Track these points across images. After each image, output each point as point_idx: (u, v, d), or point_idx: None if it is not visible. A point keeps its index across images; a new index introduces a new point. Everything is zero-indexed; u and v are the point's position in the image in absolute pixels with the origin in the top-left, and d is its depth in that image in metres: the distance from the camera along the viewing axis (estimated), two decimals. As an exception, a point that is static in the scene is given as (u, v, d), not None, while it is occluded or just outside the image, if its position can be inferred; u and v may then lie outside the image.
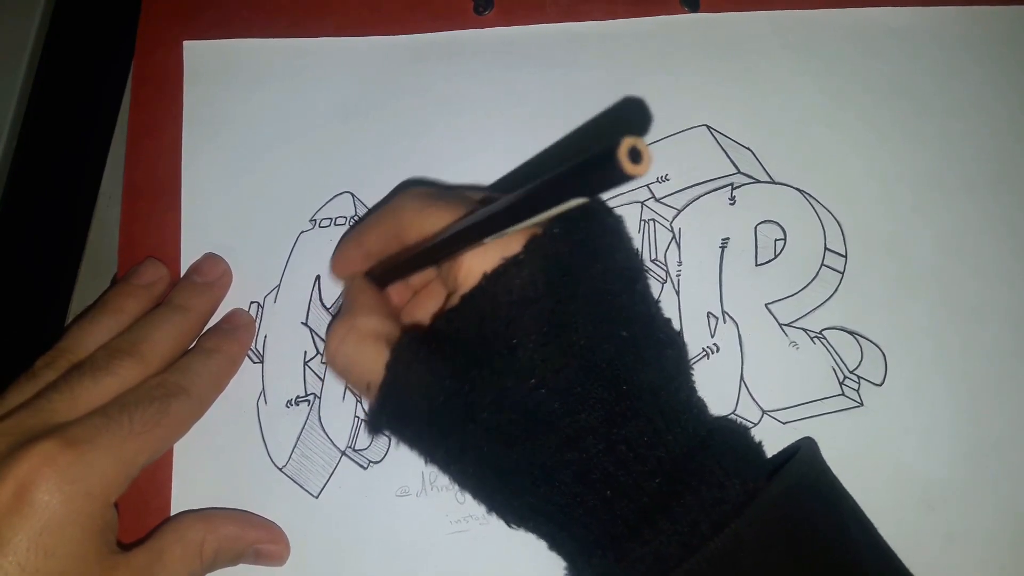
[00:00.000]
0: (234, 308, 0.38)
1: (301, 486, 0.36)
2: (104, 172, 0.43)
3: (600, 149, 0.20)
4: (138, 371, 0.33)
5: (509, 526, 0.31)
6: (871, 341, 0.36)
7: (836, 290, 0.37)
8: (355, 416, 0.37)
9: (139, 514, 0.35)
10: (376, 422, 0.31)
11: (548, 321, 0.28)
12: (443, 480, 0.36)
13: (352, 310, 0.32)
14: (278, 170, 0.40)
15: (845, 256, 0.37)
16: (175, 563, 0.32)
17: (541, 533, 0.30)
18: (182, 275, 0.39)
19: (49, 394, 0.32)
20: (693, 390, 0.31)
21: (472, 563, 0.35)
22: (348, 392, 0.37)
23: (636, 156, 0.20)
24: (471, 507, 0.35)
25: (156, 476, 0.36)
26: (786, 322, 0.36)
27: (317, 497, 0.36)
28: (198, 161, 0.40)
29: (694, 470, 0.28)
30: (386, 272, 0.34)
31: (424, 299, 0.34)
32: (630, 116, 0.40)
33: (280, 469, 0.36)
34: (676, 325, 0.37)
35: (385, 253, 0.34)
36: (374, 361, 0.30)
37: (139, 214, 0.40)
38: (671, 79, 0.40)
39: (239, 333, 0.37)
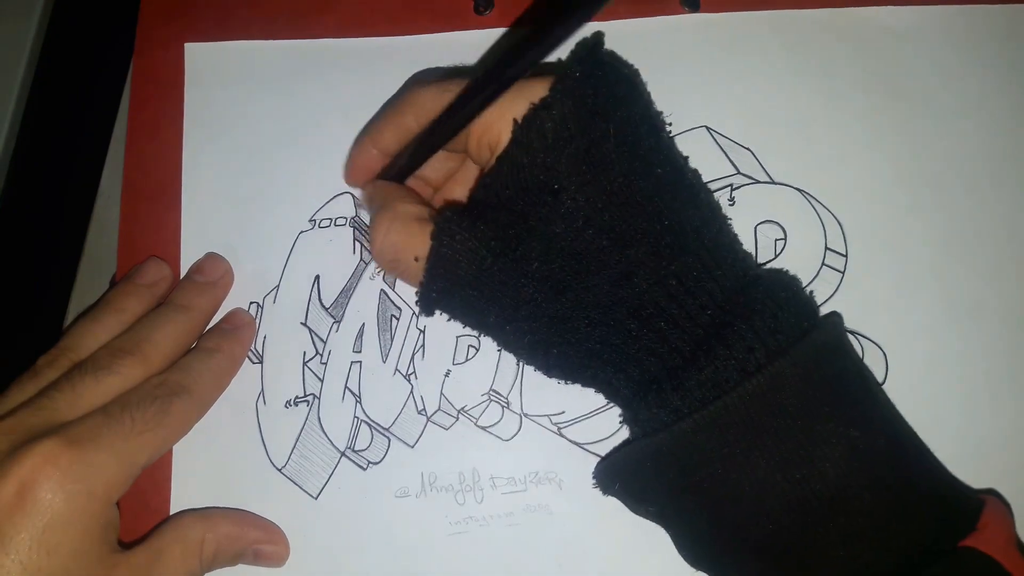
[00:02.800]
0: (234, 308, 0.38)
1: (300, 487, 0.36)
2: (103, 172, 0.43)
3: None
4: (140, 370, 0.33)
5: (566, 382, 0.32)
6: (872, 341, 0.36)
7: (837, 290, 0.37)
8: (354, 417, 0.37)
9: (138, 513, 0.35)
10: (427, 295, 0.31)
11: (585, 160, 0.28)
12: (442, 482, 0.36)
13: (387, 203, 0.32)
14: (278, 171, 0.40)
15: (846, 256, 0.37)
16: (175, 562, 0.32)
17: (599, 381, 0.31)
18: (182, 275, 0.39)
19: (51, 393, 0.32)
20: (737, 240, 0.32)
21: (471, 564, 0.35)
22: (348, 392, 0.37)
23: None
24: (471, 509, 0.35)
25: (155, 476, 0.36)
26: (787, 322, 0.36)
27: (316, 498, 0.36)
28: (198, 162, 0.40)
29: (746, 302, 0.28)
30: (409, 160, 0.34)
31: (453, 187, 0.35)
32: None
33: (279, 470, 0.36)
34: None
35: (399, 145, 0.34)
36: (423, 240, 0.30)
37: (138, 214, 0.40)
38: (671, 80, 0.40)
39: (240, 333, 0.37)
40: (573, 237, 0.28)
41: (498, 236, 0.29)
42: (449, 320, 0.33)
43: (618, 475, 0.31)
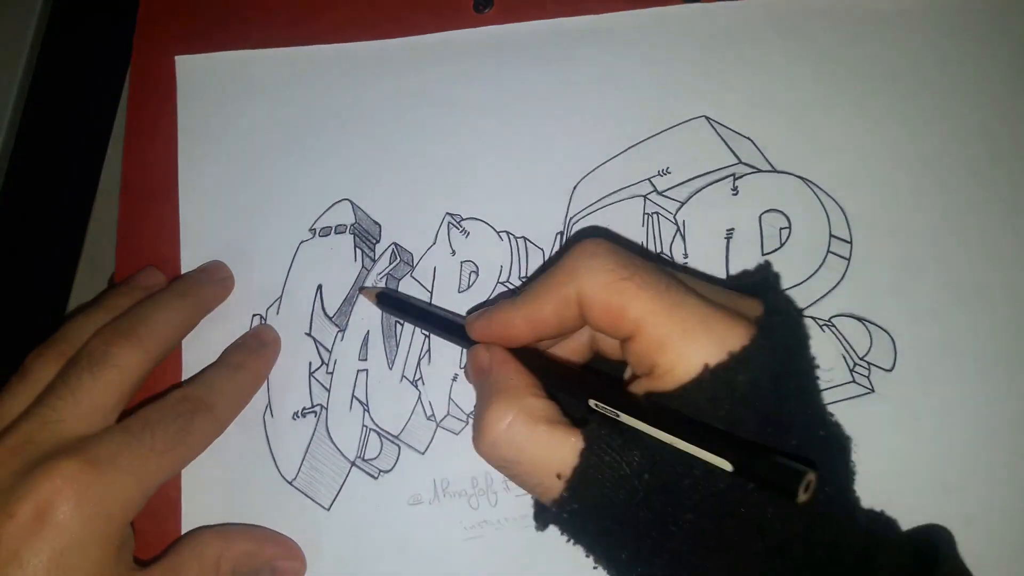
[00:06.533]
0: (262, 324, 0.38)
1: (312, 499, 0.36)
2: (102, 172, 0.43)
3: (786, 474, 0.23)
4: (137, 357, 0.32)
5: None
6: (879, 327, 0.36)
7: (843, 277, 0.36)
8: (363, 426, 0.36)
9: (150, 531, 0.35)
10: (556, 514, 0.28)
11: (769, 422, 0.26)
12: (455, 487, 0.35)
13: (509, 389, 0.28)
14: (275, 181, 0.40)
15: (850, 242, 0.37)
16: None
17: None
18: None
19: (51, 401, 0.31)
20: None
21: (488, 569, 0.34)
22: (355, 401, 0.37)
23: (808, 487, 0.22)
24: (485, 512, 0.35)
25: (166, 493, 0.35)
26: (794, 311, 0.36)
27: (328, 509, 0.35)
28: (195, 174, 0.40)
29: (876, 570, 0.26)
30: (555, 380, 0.30)
31: (562, 351, 0.32)
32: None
33: (290, 482, 0.36)
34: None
35: (557, 324, 0.29)
36: (557, 447, 0.27)
37: (136, 214, 0.40)
38: (669, 71, 0.39)
39: (266, 351, 0.37)
40: (739, 499, 0.25)
41: (651, 469, 0.26)
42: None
43: None
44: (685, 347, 0.26)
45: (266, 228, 0.39)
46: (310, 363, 0.37)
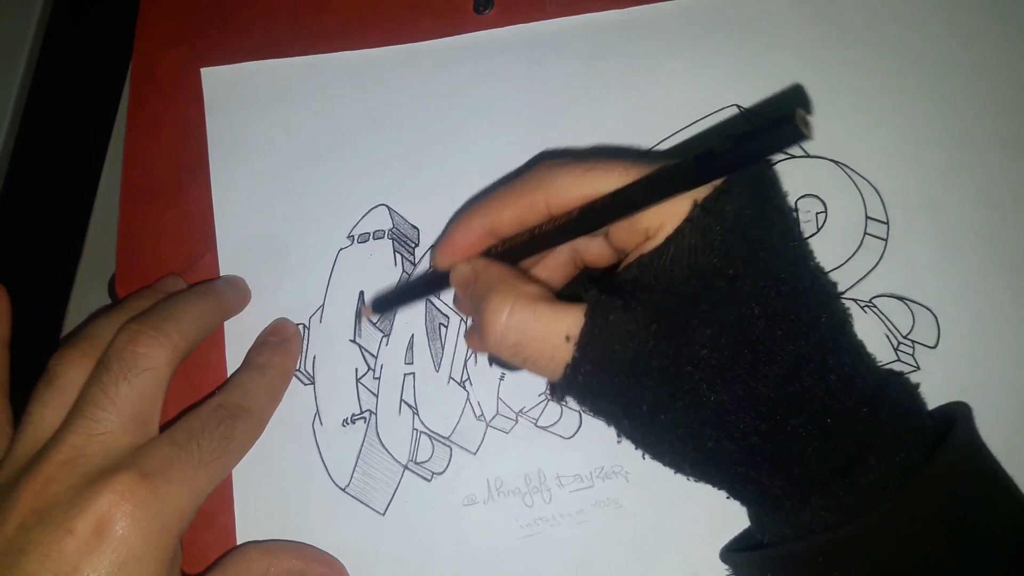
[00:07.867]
0: (279, 319, 0.38)
1: (366, 504, 0.36)
2: (103, 172, 0.43)
3: (776, 117, 0.23)
4: (166, 355, 0.32)
5: (694, 480, 0.30)
6: (921, 304, 0.36)
7: (882, 257, 0.37)
8: (413, 429, 0.36)
9: (203, 545, 0.35)
10: (571, 379, 0.28)
11: (760, 247, 0.27)
12: (509, 485, 0.35)
13: (501, 283, 0.30)
14: (310, 189, 0.40)
15: (887, 223, 0.37)
16: None
17: (746, 480, 0.28)
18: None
19: (93, 412, 0.31)
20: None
21: (546, 565, 0.34)
22: (404, 405, 0.37)
23: (804, 124, 0.22)
24: (540, 510, 0.35)
25: (217, 505, 0.35)
26: (837, 294, 0.36)
27: (383, 514, 0.35)
28: (228, 187, 0.40)
29: (896, 400, 0.28)
30: (528, 244, 0.31)
31: (544, 272, 0.33)
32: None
33: (343, 489, 0.36)
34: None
35: (516, 228, 0.31)
36: (562, 316, 0.28)
37: (137, 214, 0.40)
38: (695, 61, 0.40)
39: (288, 346, 0.37)
40: (747, 325, 0.27)
41: (658, 319, 0.27)
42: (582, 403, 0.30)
43: (775, 566, 0.29)
44: (674, 200, 0.27)
45: (304, 238, 0.39)
46: (356, 369, 0.37)
